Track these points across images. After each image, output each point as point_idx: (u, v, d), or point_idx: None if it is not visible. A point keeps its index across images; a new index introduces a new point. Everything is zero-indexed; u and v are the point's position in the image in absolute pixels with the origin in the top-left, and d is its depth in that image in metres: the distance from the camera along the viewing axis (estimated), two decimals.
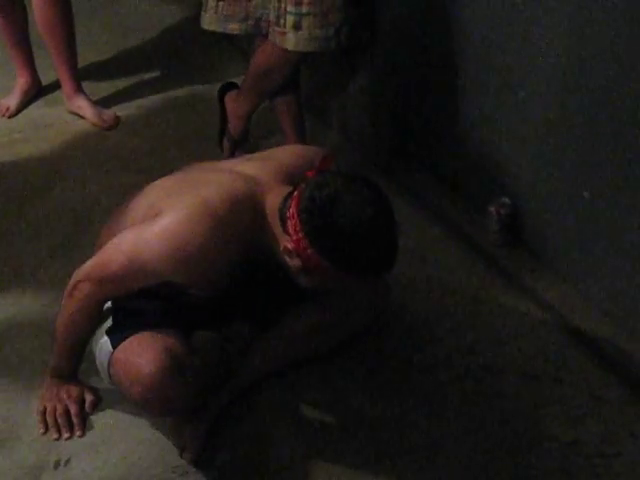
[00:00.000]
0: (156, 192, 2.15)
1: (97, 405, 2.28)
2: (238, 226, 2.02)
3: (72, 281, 2.12)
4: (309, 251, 1.93)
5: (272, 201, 2.02)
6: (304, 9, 2.70)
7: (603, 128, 2.37)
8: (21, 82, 3.69)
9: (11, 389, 2.34)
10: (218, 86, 3.29)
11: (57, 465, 2.14)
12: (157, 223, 2.00)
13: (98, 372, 2.23)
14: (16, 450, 2.18)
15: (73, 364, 2.25)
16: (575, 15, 2.36)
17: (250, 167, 2.14)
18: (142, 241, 2.01)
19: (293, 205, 1.94)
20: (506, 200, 2.76)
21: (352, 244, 1.90)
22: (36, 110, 3.69)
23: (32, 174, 3.26)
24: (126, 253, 2.03)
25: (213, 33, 3.04)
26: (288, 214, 1.95)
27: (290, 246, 1.95)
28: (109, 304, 2.21)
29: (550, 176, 2.61)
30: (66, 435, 2.21)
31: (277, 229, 2.01)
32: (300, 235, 1.93)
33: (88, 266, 2.10)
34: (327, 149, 2.42)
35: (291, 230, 1.95)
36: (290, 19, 2.72)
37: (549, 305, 2.60)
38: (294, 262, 1.98)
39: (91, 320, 2.16)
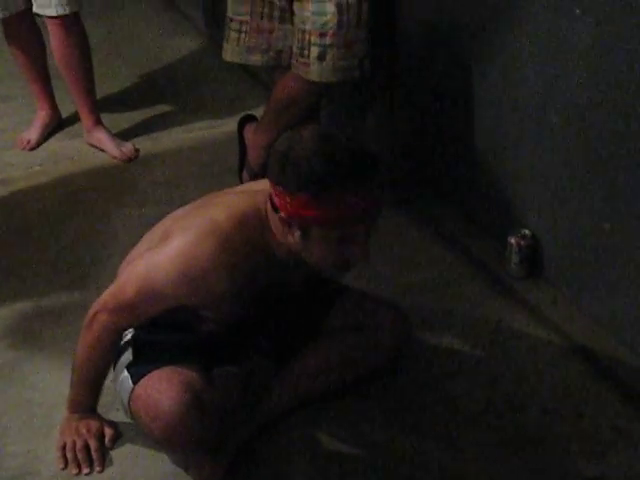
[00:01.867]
0: (170, 220, 2.19)
1: (117, 440, 2.27)
2: (245, 241, 2.03)
3: (90, 313, 2.13)
4: (288, 199, 1.90)
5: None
6: (328, 40, 2.72)
7: (624, 160, 2.36)
8: (41, 115, 3.72)
9: (31, 424, 2.33)
10: (237, 118, 3.30)
11: None
12: (167, 245, 2.04)
13: (120, 406, 2.23)
14: None
15: (92, 398, 2.25)
16: (595, 49, 2.35)
17: (260, 182, 2.18)
18: (153, 264, 2.04)
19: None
20: (526, 232, 2.75)
21: (306, 160, 1.87)
22: (56, 143, 3.71)
23: (51, 206, 3.29)
24: (139, 278, 2.05)
25: (232, 64, 3.06)
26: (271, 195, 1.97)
27: (283, 214, 1.94)
28: (129, 338, 2.22)
29: (570, 207, 2.60)
30: (86, 471, 2.19)
31: (275, 224, 2.01)
32: (278, 191, 1.92)
33: (104, 296, 2.12)
34: None
35: (277, 202, 1.94)
36: (314, 50, 2.74)
37: (570, 337, 2.58)
38: (293, 235, 1.96)
39: (109, 351, 2.16)
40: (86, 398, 2.25)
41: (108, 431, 2.26)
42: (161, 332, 2.23)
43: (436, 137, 3.14)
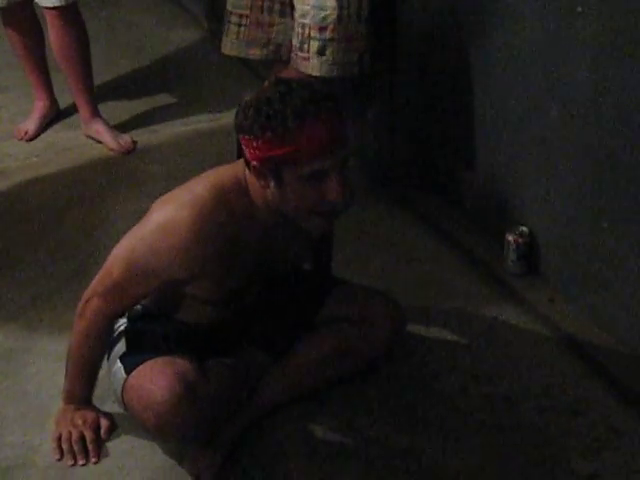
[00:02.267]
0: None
1: (112, 431, 2.27)
2: (226, 209, 2.03)
3: (81, 301, 2.15)
4: (254, 144, 1.91)
5: None
6: (328, 35, 2.72)
7: (623, 158, 2.36)
8: (39, 106, 3.72)
9: (27, 415, 2.34)
10: (235, 111, 3.29)
11: None
12: (147, 220, 2.05)
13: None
14: (31, 476, 2.17)
15: (87, 388, 2.25)
16: (597, 49, 2.35)
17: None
18: (135, 240, 2.06)
19: None
20: (524, 229, 2.76)
21: (266, 101, 1.89)
22: (54, 134, 3.71)
23: (49, 198, 3.28)
24: (123, 257, 2.07)
25: (231, 58, 3.05)
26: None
27: (254, 163, 1.94)
28: (123, 329, 2.22)
29: (569, 206, 2.61)
30: (81, 462, 2.20)
31: (253, 184, 2.01)
32: (246, 140, 1.93)
33: (93, 283, 2.13)
34: None
35: (247, 155, 1.95)
36: (314, 45, 2.74)
37: (567, 335, 2.59)
38: (269, 186, 1.96)
39: (102, 339, 2.17)
40: (81, 389, 2.24)
41: (104, 422, 2.26)
42: (155, 323, 2.24)
43: (435, 134, 3.14)
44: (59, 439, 2.23)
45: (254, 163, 1.94)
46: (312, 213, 1.99)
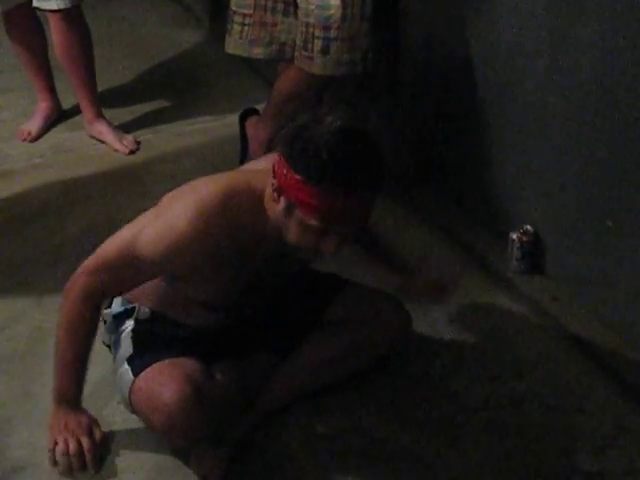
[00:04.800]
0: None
1: (105, 438, 2.22)
2: (231, 215, 2.01)
3: (69, 282, 2.12)
4: (285, 171, 1.89)
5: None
6: (332, 34, 2.72)
7: (628, 156, 2.36)
8: (42, 107, 3.72)
9: (32, 416, 2.33)
10: (239, 111, 3.30)
11: None
12: (151, 213, 2.06)
13: (119, 399, 2.24)
14: (37, 476, 2.17)
15: (75, 385, 2.18)
16: (602, 45, 2.35)
17: (261, 162, 2.19)
18: (137, 228, 2.05)
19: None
20: (528, 227, 2.75)
21: (315, 146, 1.84)
22: (57, 135, 3.71)
23: (53, 199, 3.28)
24: (122, 240, 2.06)
25: (235, 57, 3.06)
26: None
27: (276, 182, 1.93)
28: (129, 330, 2.22)
29: (573, 204, 2.61)
30: (79, 475, 2.16)
31: (268, 190, 2.00)
32: (281, 158, 1.91)
33: (86, 261, 2.11)
34: None
35: (276, 168, 1.93)
36: (318, 43, 2.74)
37: (571, 334, 2.59)
38: (278, 205, 1.95)
39: (87, 323, 2.11)
40: (69, 385, 2.17)
41: (97, 431, 2.21)
42: (162, 326, 2.24)
43: (437, 132, 3.14)
44: (54, 450, 2.17)
45: (275, 182, 1.94)
46: (303, 249, 2.00)
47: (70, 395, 2.20)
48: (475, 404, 2.36)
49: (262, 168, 2.09)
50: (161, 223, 2.01)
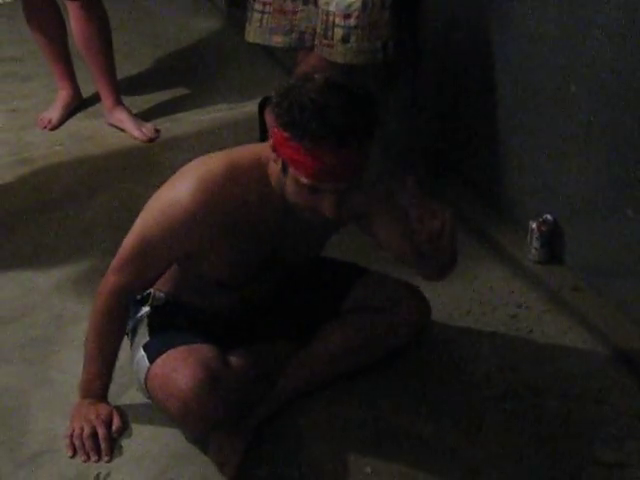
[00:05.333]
0: None
1: (124, 430, 2.25)
2: (237, 184, 2.02)
3: (100, 284, 2.16)
4: (276, 130, 1.89)
5: None
6: (352, 22, 2.72)
7: None
8: (62, 95, 3.73)
9: (52, 402, 2.35)
10: (258, 100, 3.30)
11: (97, 479, 2.14)
12: (159, 194, 2.08)
13: (137, 386, 2.25)
14: (56, 463, 2.18)
15: (102, 379, 2.23)
16: (620, 32, 2.34)
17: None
18: (145, 212, 2.08)
19: None
20: (548, 217, 2.74)
21: (300, 104, 1.83)
22: (77, 122, 3.72)
23: (73, 186, 3.30)
24: (137, 231, 2.09)
25: (253, 45, 3.06)
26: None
27: (271, 142, 1.93)
28: (145, 317, 2.23)
29: (592, 193, 2.59)
30: (94, 458, 2.18)
31: (271, 165, 2.00)
32: (273, 117, 1.90)
33: (112, 261, 2.14)
34: None
35: (269, 127, 1.95)
36: (338, 32, 2.74)
37: (590, 324, 2.57)
38: (276, 164, 1.95)
39: (117, 320, 2.17)
40: (96, 379, 2.23)
41: (116, 420, 2.24)
42: (177, 311, 2.25)
43: (457, 121, 3.13)
44: (72, 435, 2.21)
45: (271, 142, 1.95)
46: (304, 210, 1.99)
47: (96, 389, 2.24)
48: (494, 394, 2.35)
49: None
50: (165, 203, 2.03)
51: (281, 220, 2.10)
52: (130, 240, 2.09)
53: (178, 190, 2.02)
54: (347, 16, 2.72)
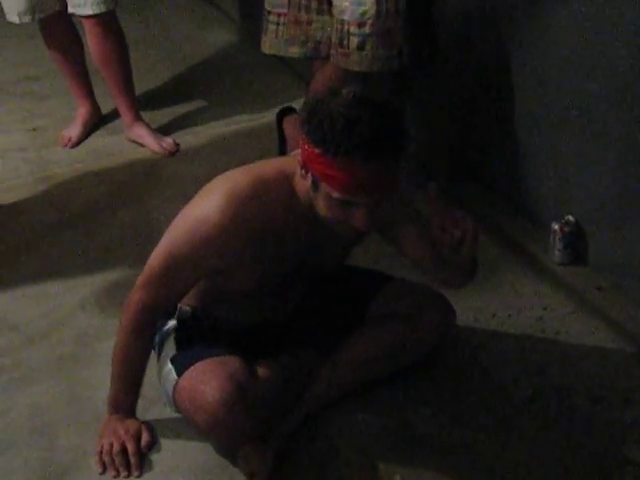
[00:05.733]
0: None
1: (153, 445, 2.25)
2: (264, 199, 2.03)
3: (127, 298, 2.16)
4: (306, 146, 1.90)
5: None
6: (367, 30, 2.73)
7: None
8: (82, 112, 3.75)
9: (80, 419, 2.36)
10: (276, 110, 3.31)
11: None
12: (186, 211, 2.08)
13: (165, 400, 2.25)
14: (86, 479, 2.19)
15: (130, 396, 2.24)
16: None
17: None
18: (174, 231, 2.08)
19: None
20: (570, 218, 2.73)
21: (329, 119, 1.84)
22: (97, 139, 3.74)
23: (95, 203, 3.31)
24: (164, 249, 2.09)
25: (268, 56, 3.07)
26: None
27: (299, 158, 1.94)
28: (172, 331, 2.24)
29: (614, 193, 2.58)
30: (124, 474, 2.18)
31: (300, 183, 2.00)
32: (302, 133, 1.91)
33: (138, 278, 2.15)
34: None
35: (300, 144, 1.93)
36: (354, 40, 2.75)
37: (616, 323, 2.57)
38: (306, 181, 1.96)
39: (145, 336, 2.17)
40: (125, 396, 2.24)
41: (145, 435, 2.24)
42: (204, 324, 2.26)
43: (476, 124, 3.12)
44: (101, 452, 2.21)
45: (299, 158, 1.95)
46: (336, 224, 2.00)
47: (124, 405, 2.25)
48: (522, 397, 2.35)
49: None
50: (194, 220, 2.03)
51: (307, 232, 2.10)
52: (157, 258, 2.09)
53: (206, 207, 2.03)
54: (362, 24, 2.72)
